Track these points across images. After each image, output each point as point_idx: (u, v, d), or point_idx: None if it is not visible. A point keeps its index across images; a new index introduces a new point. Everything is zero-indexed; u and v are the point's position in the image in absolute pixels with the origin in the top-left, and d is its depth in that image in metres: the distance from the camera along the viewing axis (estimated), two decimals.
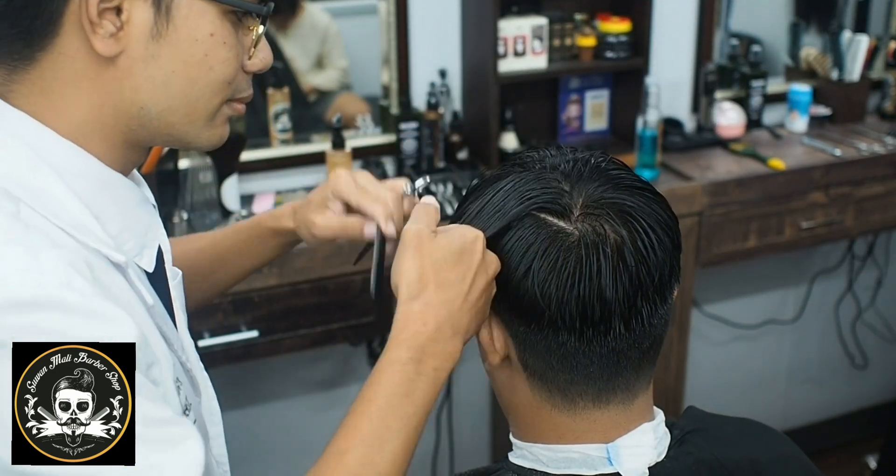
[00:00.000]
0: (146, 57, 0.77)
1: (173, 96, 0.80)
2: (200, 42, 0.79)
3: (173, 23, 0.77)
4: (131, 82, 0.78)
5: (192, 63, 0.79)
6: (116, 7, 0.75)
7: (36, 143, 0.77)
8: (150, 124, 0.81)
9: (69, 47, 0.76)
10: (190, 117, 0.82)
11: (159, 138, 0.83)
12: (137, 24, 0.76)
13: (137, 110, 0.79)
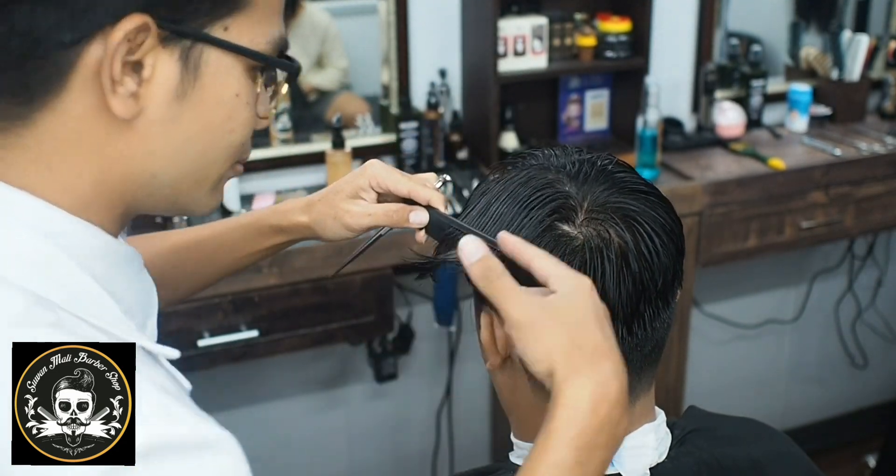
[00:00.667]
0: (166, 120, 0.67)
1: (189, 162, 0.70)
2: (225, 103, 0.69)
3: (200, 81, 0.67)
4: (146, 147, 0.67)
5: (214, 126, 0.69)
6: (137, 62, 0.64)
7: (46, 228, 0.66)
8: (158, 192, 0.71)
9: (75, 107, 0.65)
10: (199, 184, 0.72)
11: (162, 206, 0.73)
12: (161, 82, 0.65)
13: (149, 178, 0.69)
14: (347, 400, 2.55)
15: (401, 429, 2.63)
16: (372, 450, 2.61)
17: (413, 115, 2.29)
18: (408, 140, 2.29)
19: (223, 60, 0.68)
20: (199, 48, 0.66)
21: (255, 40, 0.69)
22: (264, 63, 0.71)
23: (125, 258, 0.72)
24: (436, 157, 2.31)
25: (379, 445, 2.63)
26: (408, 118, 2.28)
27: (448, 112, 2.36)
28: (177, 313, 1.89)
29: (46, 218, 0.66)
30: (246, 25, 0.68)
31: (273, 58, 0.71)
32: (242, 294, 1.94)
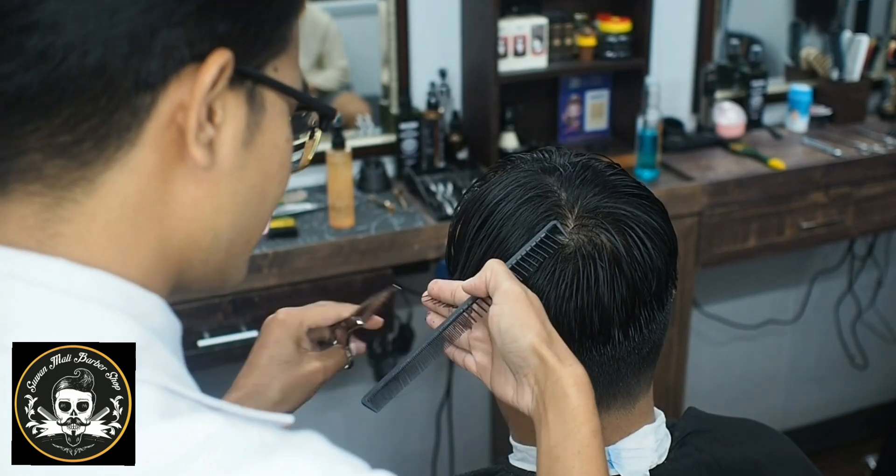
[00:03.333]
0: (235, 169, 0.60)
1: (248, 217, 0.63)
2: (279, 149, 0.63)
3: (261, 125, 0.61)
4: (214, 202, 0.60)
5: (271, 175, 0.63)
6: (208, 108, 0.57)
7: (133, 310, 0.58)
8: (214, 257, 0.63)
9: (147, 162, 0.56)
10: (247, 246, 0.66)
11: (203, 280, 0.65)
12: (231, 127, 0.58)
13: (211, 238, 0.61)
14: (347, 400, 2.55)
15: (401, 429, 2.64)
16: (372, 450, 2.61)
17: (413, 115, 2.29)
18: (408, 140, 2.29)
19: (277, 102, 0.62)
20: (259, 90, 0.60)
21: (294, 84, 0.63)
22: (312, 107, 0.66)
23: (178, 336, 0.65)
24: (436, 157, 2.31)
25: (379, 446, 2.63)
26: (408, 118, 2.28)
27: (448, 112, 2.36)
28: (177, 313, 1.88)
29: (129, 298, 0.58)
30: (288, 67, 0.63)
31: (316, 100, 0.67)
32: (242, 294, 1.94)
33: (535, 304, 0.78)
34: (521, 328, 0.76)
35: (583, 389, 0.76)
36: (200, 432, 0.54)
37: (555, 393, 0.76)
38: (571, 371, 0.76)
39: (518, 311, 0.77)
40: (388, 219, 2.11)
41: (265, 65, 0.60)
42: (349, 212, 2.07)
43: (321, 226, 2.08)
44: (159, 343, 0.59)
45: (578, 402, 0.75)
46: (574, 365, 0.76)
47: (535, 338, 0.76)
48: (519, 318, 0.77)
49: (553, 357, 0.76)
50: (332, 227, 2.07)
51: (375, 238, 2.03)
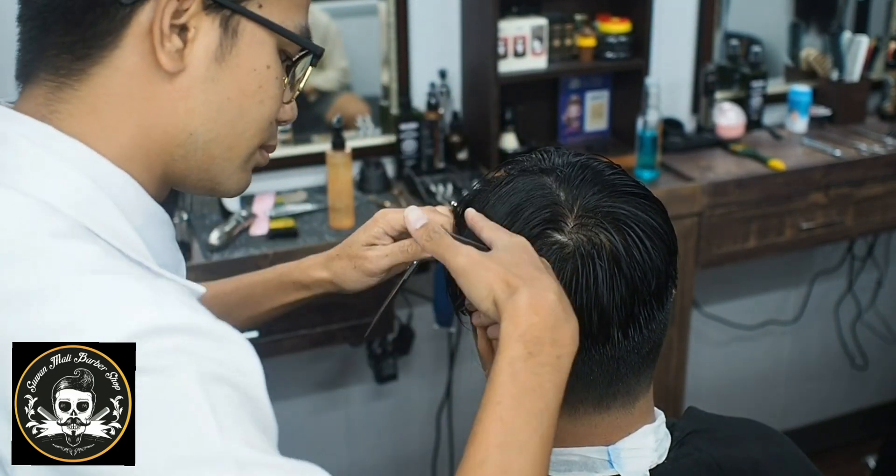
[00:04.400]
0: (206, 79, 0.74)
1: (223, 125, 0.76)
2: (258, 72, 0.76)
3: (237, 47, 0.74)
4: (187, 104, 0.74)
5: (248, 93, 0.76)
6: (182, 25, 0.72)
7: (93, 172, 0.72)
8: (193, 155, 0.76)
9: (127, 62, 0.72)
10: (231, 152, 0.78)
11: (193, 175, 0.78)
12: (203, 43, 0.73)
13: (186, 136, 0.75)
14: (347, 401, 2.55)
15: (401, 429, 2.64)
16: (372, 450, 2.61)
17: (413, 115, 2.29)
18: (408, 141, 2.30)
19: (257, 33, 0.75)
20: (236, 19, 0.74)
21: (285, 23, 0.77)
22: (291, 40, 0.77)
23: (161, 221, 0.78)
24: (436, 157, 2.32)
25: (379, 446, 2.63)
26: (408, 119, 2.29)
27: (448, 113, 2.36)
28: None
29: (94, 163, 0.72)
30: (277, 8, 0.76)
31: (299, 36, 0.78)
32: None
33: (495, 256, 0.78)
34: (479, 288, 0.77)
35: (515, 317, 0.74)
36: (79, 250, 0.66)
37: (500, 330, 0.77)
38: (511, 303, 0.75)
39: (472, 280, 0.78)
40: None
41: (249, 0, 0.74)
42: (349, 212, 2.07)
43: (321, 226, 2.08)
44: (114, 209, 0.71)
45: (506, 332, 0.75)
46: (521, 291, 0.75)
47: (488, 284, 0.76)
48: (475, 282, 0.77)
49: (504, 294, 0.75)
50: (332, 227, 2.07)
51: None
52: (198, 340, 0.63)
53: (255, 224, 2.07)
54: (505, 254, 0.78)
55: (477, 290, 0.77)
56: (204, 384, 0.62)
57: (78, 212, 0.69)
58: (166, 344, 0.62)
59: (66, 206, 0.68)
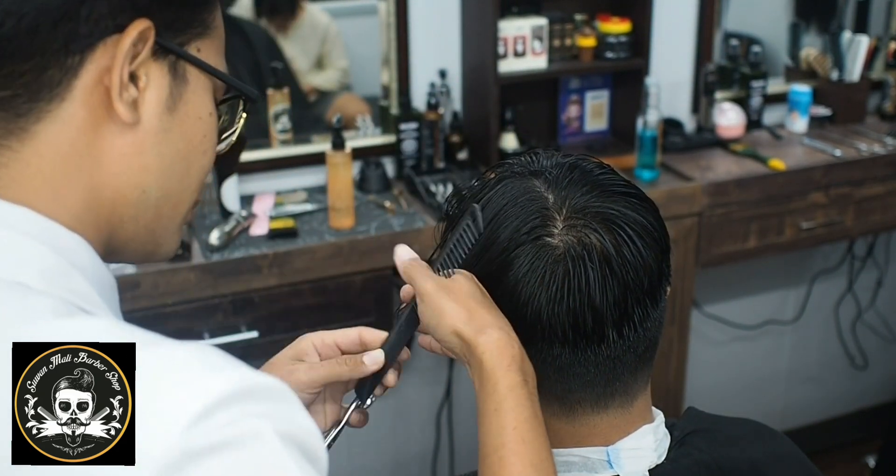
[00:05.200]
0: (159, 131, 0.68)
1: (174, 180, 0.70)
2: (203, 120, 0.71)
3: (185, 96, 0.69)
4: (141, 159, 0.67)
5: (194, 143, 0.71)
6: (132, 73, 0.65)
7: (51, 240, 0.64)
8: (143, 215, 0.70)
9: (76, 116, 0.64)
10: (176, 210, 0.72)
11: (138, 238, 0.72)
12: (155, 92, 0.67)
13: (139, 194, 0.68)
14: (347, 400, 2.54)
15: (401, 429, 2.63)
16: (372, 450, 2.61)
17: (413, 115, 2.29)
18: (408, 141, 2.30)
19: (200, 79, 0.70)
20: (182, 64, 0.69)
21: (219, 67, 0.72)
22: (230, 85, 0.74)
23: (110, 285, 0.71)
24: (436, 157, 2.32)
25: (379, 446, 2.63)
26: (408, 119, 2.29)
27: (448, 113, 2.36)
28: (177, 313, 1.89)
29: (48, 230, 0.65)
30: (211, 51, 0.72)
31: (238, 82, 0.74)
32: (242, 294, 1.94)
33: (454, 288, 0.82)
34: (439, 319, 0.82)
35: (495, 353, 0.79)
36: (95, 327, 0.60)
37: (475, 364, 0.80)
38: (485, 339, 0.79)
39: (434, 305, 0.82)
40: (388, 219, 2.12)
41: (188, 44, 0.69)
42: (349, 212, 2.07)
43: (321, 226, 2.08)
44: (80, 276, 0.65)
45: (491, 364, 0.78)
46: (490, 331, 0.79)
47: (451, 321, 0.81)
48: (436, 311, 0.82)
49: (470, 331, 0.80)
50: (331, 227, 2.07)
51: (375, 239, 2.03)
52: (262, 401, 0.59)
53: (255, 224, 2.07)
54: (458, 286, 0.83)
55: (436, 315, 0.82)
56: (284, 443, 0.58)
57: (52, 286, 0.63)
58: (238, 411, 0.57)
59: (40, 284, 0.62)
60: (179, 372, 0.58)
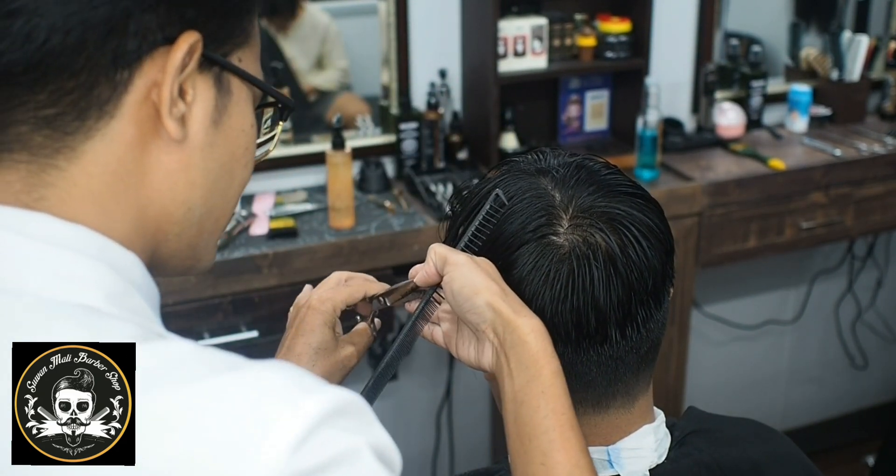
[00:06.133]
0: (205, 146, 0.66)
1: (218, 195, 0.69)
2: (245, 133, 0.69)
3: (228, 108, 0.67)
4: (188, 176, 0.65)
5: (237, 156, 0.69)
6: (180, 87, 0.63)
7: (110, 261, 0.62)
8: (186, 232, 0.68)
9: (125, 134, 0.62)
10: (217, 224, 0.71)
11: (180, 255, 0.70)
12: (202, 106, 0.65)
13: (185, 212, 0.67)
14: None
15: (401, 429, 2.64)
16: None
17: (413, 115, 2.29)
18: (408, 141, 2.30)
19: (242, 89, 0.68)
20: (226, 76, 0.67)
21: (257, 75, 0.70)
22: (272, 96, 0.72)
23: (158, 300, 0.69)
24: (436, 157, 2.32)
25: None
26: (408, 119, 2.29)
27: (448, 113, 2.36)
28: (177, 313, 1.89)
29: (108, 251, 0.62)
30: (251, 60, 0.69)
31: (278, 91, 0.73)
32: (242, 294, 1.94)
33: (484, 267, 0.81)
34: (473, 287, 0.80)
35: (540, 336, 0.78)
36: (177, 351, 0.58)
37: (514, 342, 0.78)
38: (527, 321, 0.78)
39: (467, 273, 0.80)
40: (388, 219, 2.12)
41: (230, 54, 0.67)
42: (349, 212, 2.07)
43: (321, 226, 2.08)
44: (138, 295, 0.63)
45: (537, 347, 0.77)
46: (529, 316, 0.79)
47: (488, 293, 0.79)
48: (469, 279, 0.80)
49: (508, 309, 0.78)
50: (332, 227, 2.07)
51: (375, 238, 2.03)
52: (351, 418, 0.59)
53: (255, 224, 2.07)
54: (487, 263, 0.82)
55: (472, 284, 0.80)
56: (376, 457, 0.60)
57: (119, 309, 0.61)
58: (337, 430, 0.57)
59: (106, 306, 0.60)
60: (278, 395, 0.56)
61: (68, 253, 0.60)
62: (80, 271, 0.61)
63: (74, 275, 0.60)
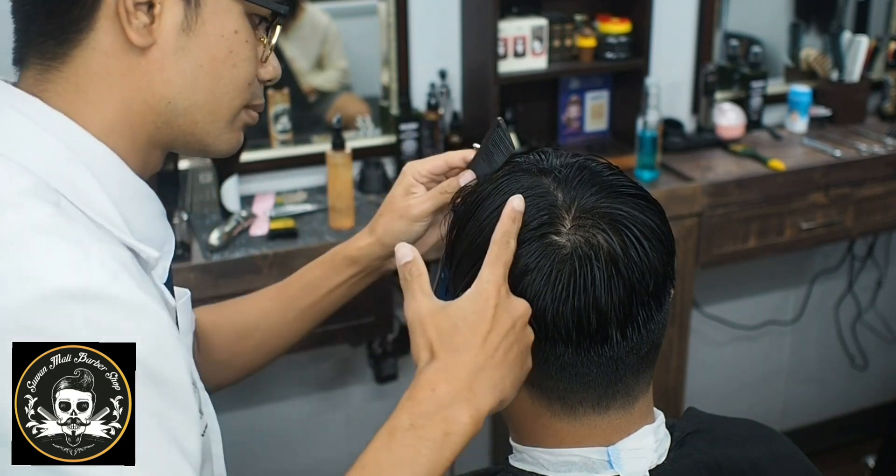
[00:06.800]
0: (177, 49, 0.80)
1: (200, 91, 0.82)
2: (226, 38, 0.82)
3: (202, 17, 0.80)
4: (162, 75, 0.80)
5: (219, 58, 0.82)
6: (148, 2, 0.77)
7: (72, 142, 0.78)
8: (175, 121, 0.82)
9: (103, 42, 0.78)
10: (213, 115, 0.84)
11: (180, 139, 0.85)
12: (169, 16, 0.79)
13: (165, 105, 0.81)
14: (348, 401, 2.55)
15: None
16: None
17: (413, 116, 2.29)
18: (408, 141, 2.30)
19: (221, 1, 0.81)
20: None
21: None
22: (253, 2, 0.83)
23: (145, 195, 0.83)
24: None
25: None
26: (408, 119, 2.29)
27: (448, 113, 2.36)
28: None
29: (74, 134, 0.78)
30: None
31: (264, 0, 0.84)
32: (242, 294, 1.93)
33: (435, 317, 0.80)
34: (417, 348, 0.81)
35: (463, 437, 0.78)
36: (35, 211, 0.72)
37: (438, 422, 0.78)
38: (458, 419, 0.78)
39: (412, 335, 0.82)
40: None
41: None
42: (349, 213, 2.07)
43: (321, 227, 2.08)
44: (88, 176, 0.77)
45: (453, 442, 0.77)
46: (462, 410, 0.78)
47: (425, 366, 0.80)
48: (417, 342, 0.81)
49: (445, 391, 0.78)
50: (331, 228, 2.07)
51: None
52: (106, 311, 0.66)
53: (255, 224, 2.07)
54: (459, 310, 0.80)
55: (413, 347, 0.81)
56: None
57: (48, 173, 0.75)
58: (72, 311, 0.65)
59: (36, 167, 0.75)
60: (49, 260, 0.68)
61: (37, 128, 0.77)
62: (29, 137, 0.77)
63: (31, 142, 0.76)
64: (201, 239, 2.00)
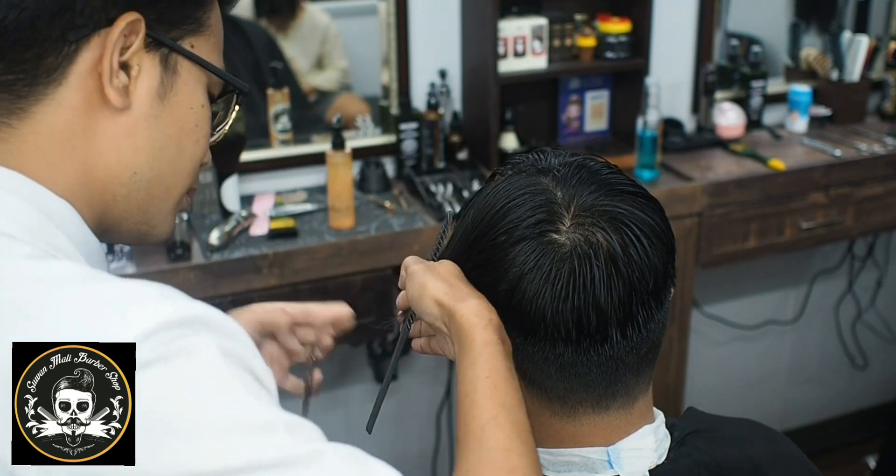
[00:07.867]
0: (150, 116, 0.74)
1: (165, 163, 0.77)
2: (194, 111, 0.78)
3: (176, 86, 0.76)
4: (132, 142, 0.74)
5: (186, 131, 0.77)
6: (125, 63, 0.72)
7: (39, 203, 0.71)
8: (135, 195, 0.76)
9: (72, 99, 0.71)
10: (169, 192, 0.79)
11: (132, 218, 0.78)
12: (146, 80, 0.74)
13: (130, 175, 0.75)
14: (347, 400, 2.55)
15: (401, 429, 2.64)
16: (372, 450, 2.61)
17: (413, 115, 2.29)
18: (408, 141, 2.30)
19: (192, 72, 0.77)
20: (174, 57, 0.75)
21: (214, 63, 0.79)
22: (223, 79, 0.80)
23: (99, 258, 0.77)
24: (436, 157, 2.32)
25: (379, 446, 2.63)
26: (408, 119, 2.29)
27: (448, 113, 2.36)
28: None
29: (37, 194, 0.71)
30: (205, 48, 0.78)
31: (229, 75, 0.80)
32: (242, 294, 1.94)
33: (439, 269, 0.86)
34: (421, 290, 0.85)
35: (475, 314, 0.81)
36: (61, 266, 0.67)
37: (456, 328, 0.82)
38: (464, 305, 0.82)
39: (417, 280, 0.86)
40: (388, 219, 2.12)
41: (181, 39, 0.76)
42: (349, 212, 2.07)
43: (321, 226, 2.08)
44: (63, 236, 0.71)
45: (469, 324, 0.80)
46: (468, 300, 0.82)
47: (432, 292, 0.84)
48: (419, 284, 0.86)
49: (450, 299, 0.83)
50: (331, 227, 2.07)
51: (375, 239, 2.03)
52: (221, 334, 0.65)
53: (255, 224, 2.07)
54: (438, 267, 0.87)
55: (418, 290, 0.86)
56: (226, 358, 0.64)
57: (35, 239, 0.69)
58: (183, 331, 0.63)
59: (23, 235, 0.68)
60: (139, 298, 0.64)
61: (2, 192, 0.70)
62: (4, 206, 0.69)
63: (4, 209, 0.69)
64: (201, 239, 2.00)
